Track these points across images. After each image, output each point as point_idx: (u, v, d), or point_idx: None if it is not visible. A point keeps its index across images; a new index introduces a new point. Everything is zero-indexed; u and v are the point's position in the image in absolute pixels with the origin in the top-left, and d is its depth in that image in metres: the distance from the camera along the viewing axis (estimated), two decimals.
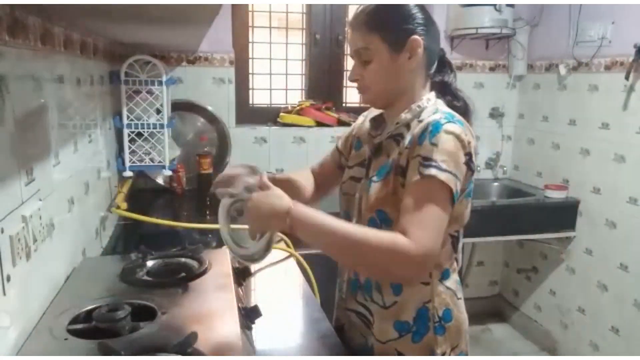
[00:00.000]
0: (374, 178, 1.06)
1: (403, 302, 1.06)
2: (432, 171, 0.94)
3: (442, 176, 0.93)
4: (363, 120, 1.24)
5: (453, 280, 1.11)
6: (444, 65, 1.15)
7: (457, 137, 0.96)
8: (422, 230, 0.92)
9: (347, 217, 1.15)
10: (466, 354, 1.16)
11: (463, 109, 1.10)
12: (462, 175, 0.97)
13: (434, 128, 0.97)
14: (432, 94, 1.09)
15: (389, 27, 1.03)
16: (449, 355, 1.09)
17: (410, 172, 0.97)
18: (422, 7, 1.07)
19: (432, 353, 1.06)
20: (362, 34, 1.04)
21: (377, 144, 1.10)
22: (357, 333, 1.15)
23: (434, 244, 0.93)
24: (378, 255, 0.92)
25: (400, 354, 1.07)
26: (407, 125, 1.06)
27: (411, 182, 0.96)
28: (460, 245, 1.12)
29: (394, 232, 0.93)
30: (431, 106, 1.06)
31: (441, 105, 1.07)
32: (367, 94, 1.09)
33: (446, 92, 1.13)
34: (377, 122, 1.15)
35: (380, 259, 0.93)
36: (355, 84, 1.10)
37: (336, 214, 1.03)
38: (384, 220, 1.03)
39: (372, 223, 1.05)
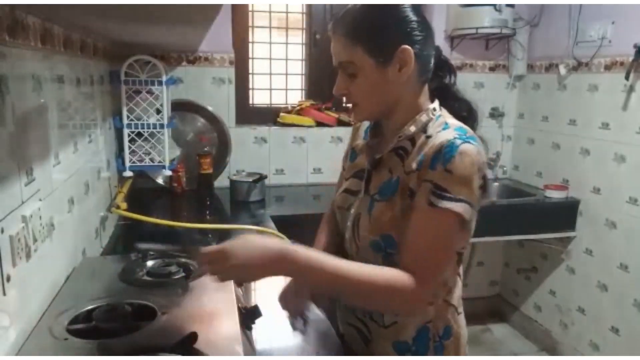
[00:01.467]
0: (377, 197, 0.99)
1: (403, 322, 1.01)
2: (445, 204, 0.88)
3: (456, 208, 0.88)
4: (355, 130, 1.19)
5: (456, 296, 1.06)
6: (442, 66, 1.04)
7: (473, 160, 0.89)
8: (427, 269, 0.90)
9: (341, 232, 1.11)
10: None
11: (467, 114, 1.04)
12: (477, 200, 0.91)
13: (449, 150, 0.88)
14: (437, 103, 1.01)
15: (373, 37, 0.92)
16: None
17: (419, 197, 0.91)
18: (417, 10, 0.96)
19: None
20: (343, 46, 0.94)
21: (378, 159, 1.02)
22: (357, 347, 1.10)
23: (437, 279, 0.93)
24: (382, 298, 0.91)
25: None
26: (412, 139, 0.97)
27: (419, 209, 0.91)
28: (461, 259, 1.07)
29: (397, 271, 0.89)
30: (438, 118, 0.98)
31: (447, 116, 0.99)
32: (357, 110, 1.00)
33: (447, 96, 1.04)
34: (374, 132, 1.08)
35: (385, 301, 0.93)
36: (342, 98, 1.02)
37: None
38: (389, 245, 0.97)
39: (375, 247, 0.99)
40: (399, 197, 0.95)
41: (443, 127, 0.95)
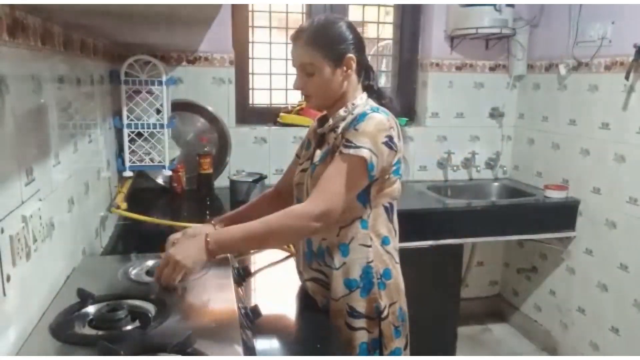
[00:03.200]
0: (316, 162, 1.29)
1: (350, 263, 1.26)
2: (349, 151, 1.18)
3: (358, 152, 1.17)
4: (312, 125, 1.44)
5: (392, 247, 1.31)
6: (368, 71, 1.35)
7: (378, 122, 1.20)
8: (319, 194, 1.19)
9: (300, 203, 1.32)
10: (405, 313, 1.33)
11: (389, 104, 1.32)
12: (380, 152, 1.19)
13: (360, 117, 1.22)
14: (364, 95, 1.32)
15: (329, 47, 1.25)
16: (389, 308, 1.27)
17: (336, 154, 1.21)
18: (351, 26, 1.29)
19: (377, 305, 1.26)
20: (306, 51, 1.25)
21: (320, 135, 1.33)
22: (319, 297, 1.32)
23: (328, 202, 1.17)
24: (283, 227, 1.19)
25: (351, 307, 1.26)
26: (344, 119, 1.28)
27: (334, 158, 1.21)
28: (395, 217, 1.33)
29: (292, 206, 1.21)
30: (362, 104, 1.29)
31: (371, 102, 1.30)
32: (311, 100, 1.32)
33: (373, 92, 1.34)
34: (321, 121, 1.37)
35: (286, 227, 1.19)
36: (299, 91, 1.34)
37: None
38: None
39: None
40: (330, 157, 1.24)
41: (363, 107, 1.27)
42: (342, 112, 1.29)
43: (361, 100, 1.30)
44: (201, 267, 1.20)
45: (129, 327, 0.96)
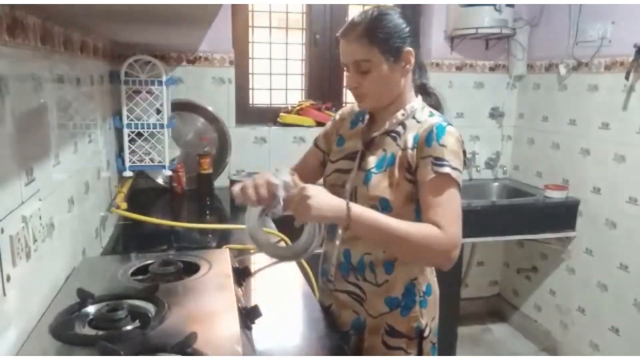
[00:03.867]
0: (373, 170, 1.18)
1: (393, 280, 1.20)
2: (446, 170, 1.09)
3: (454, 174, 1.10)
4: (340, 119, 1.36)
5: None
6: (421, 67, 1.26)
7: (457, 138, 1.13)
8: (451, 225, 1.08)
9: None
10: (437, 325, 1.30)
11: (436, 105, 1.26)
12: (462, 170, 1.13)
13: (439, 131, 1.12)
14: (420, 98, 1.23)
15: (388, 41, 1.14)
16: (430, 325, 1.24)
17: (423, 171, 1.12)
18: (406, 17, 1.18)
19: (418, 324, 1.21)
20: (361, 47, 1.14)
21: (371, 138, 1.23)
22: (349, 311, 1.26)
23: (460, 236, 1.10)
24: (421, 249, 1.08)
25: (390, 326, 1.21)
26: (402, 124, 1.20)
27: (427, 180, 1.11)
28: None
29: (433, 227, 1.07)
30: (423, 108, 1.21)
31: (429, 108, 1.22)
32: (366, 100, 1.20)
33: (422, 91, 1.26)
34: (369, 120, 1.27)
35: (423, 252, 1.09)
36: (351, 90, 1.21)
37: None
38: (385, 207, 1.15)
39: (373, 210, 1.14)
40: (397, 169, 1.16)
41: (429, 114, 1.20)
42: (399, 115, 1.19)
43: (418, 105, 1.21)
44: (321, 220, 1.10)
45: (128, 327, 0.95)
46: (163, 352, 0.85)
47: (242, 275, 1.36)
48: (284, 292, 1.42)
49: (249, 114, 2.76)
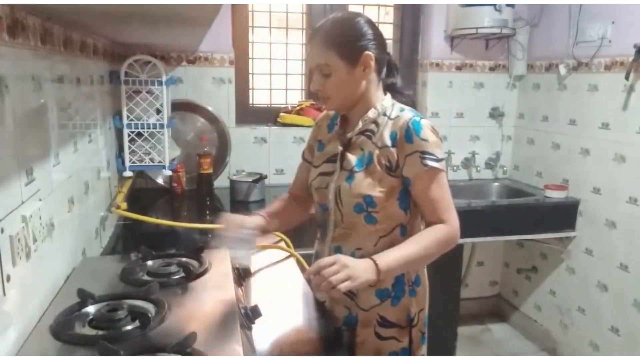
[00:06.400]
0: (355, 169, 1.22)
1: None
2: (434, 164, 1.17)
3: (439, 165, 1.18)
4: (317, 127, 1.41)
5: None
6: (391, 68, 1.30)
7: (433, 128, 1.20)
8: (451, 213, 1.20)
9: (324, 208, 1.30)
10: (428, 316, 1.33)
11: (410, 104, 1.30)
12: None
13: (415, 126, 1.18)
14: (389, 96, 1.27)
15: (345, 45, 1.18)
16: (418, 314, 1.27)
17: (412, 168, 1.18)
18: (370, 22, 1.22)
19: (408, 313, 1.25)
20: (321, 51, 1.18)
21: (348, 139, 1.27)
22: (341, 306, 1.29)
23: (457, 217, 1.21)
24: (441, 251, 1.20)
25: (382, 317, 1.24)
26: (375, 122, 1.24)
27: (418, 175, 1.18)
28: None
29: (437, 228, 1.18)
30: (393, 105, 1.25)
31: (399, 104, 1.26)
32: (329, 102, 1.25)
33: (394, 90, 1.30)
34: (342, 122, 1.32)
35: (441, 252, 1.20)
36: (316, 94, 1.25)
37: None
38: (370, 203, 1.20)
39: (358, 208, 1.22)
40: (377, 165, 1.20)
41: (401, 110, 1.24)
42: (370, 114, 1.24)
43: (388, 102, 1.26)
44: (362, 286, 1.13)
45: (128, 327, 0.95)
46: (163, 352, 0.85)
47: (242, 275, 1.36)
48: (284, 292, 1.42)
49: (249, 114, 2.76)
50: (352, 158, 1.24)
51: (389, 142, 1.20)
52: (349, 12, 1.31)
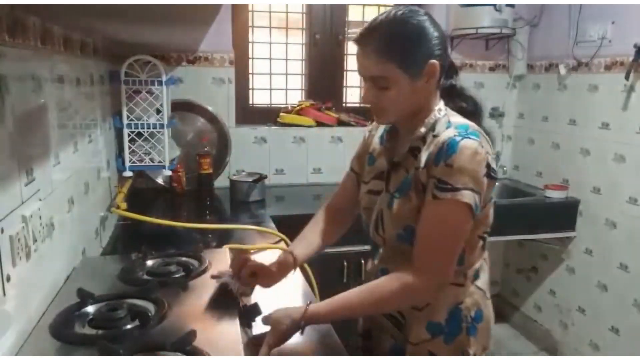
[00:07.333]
0: (396, 194, 1.08)
1: (435, 304, 1.07)
2: (446, 195, 0.96)
3: (455, 195, 0.96)
4: (369, 136, 1.25)
5: (484, 281, 1.13)
6: (450, 69, 1.12)
7: (474, 152, 0.97)
8: (434, 257, 1.00)
9: (372, 232, 1.16)
10: (491, 354, 1.16)
11: (472, 110, 1.12)
12: (482, 187, 0.99)
13: (450, 147, 0.97)
14: (442, 103, 1.08)
15: (406, 55, 0.99)
16: (479, 356, 1.11)
17: (427, 193, 1.00)
18: (432, 20, 1.03)
19: (464, 354, 1.08)
20: (376, 62, 0.99)
21: (395, 160, 1.11)
22: (387, 335, 1.15)
23: (444, 267, 1.00)
24: (396, 304, 1.05)
25: (432, 354, 1.08)
26: (423, 139, 1.05)
27: (426, 204, 1.00)
28: (486, 245, 1.14)
29: (400, 274, 1.00)
30: (443, 117, 1.06)
31: (451, 114, 1.07)
32: (384, 116, 1.08)
33: (454, 94, 1.12)
34: (391, 134, 1.15)
35: (395, 305, 1.06)
36: (368, 104, 1.08)
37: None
38: (413, 234, 1.03)
39: (400, 238, 1.07)
40: (413, 191, 1.04)
41: (446, 126, 1.03)
42: (418, 131, 1.05)
43: (440, 112, 1.06)
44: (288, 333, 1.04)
45: (128, 326, 0.96)
46: (163, 349, 0.85)
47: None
48: (284, 292, 1.42)
49: (249, 114, 2.76)
50: (396, 180, 1.09)
51: (422, 163, 1.02)
52: (406, 7, 1.01)
